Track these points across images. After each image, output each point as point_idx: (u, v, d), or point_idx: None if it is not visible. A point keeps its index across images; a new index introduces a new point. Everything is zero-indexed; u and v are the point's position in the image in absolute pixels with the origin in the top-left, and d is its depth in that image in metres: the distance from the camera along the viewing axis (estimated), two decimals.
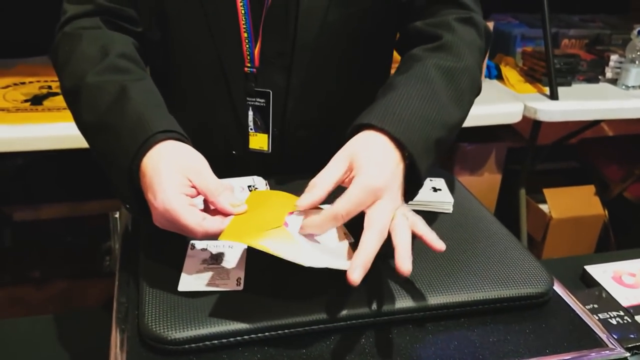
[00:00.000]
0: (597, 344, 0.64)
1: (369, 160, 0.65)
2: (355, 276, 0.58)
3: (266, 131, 0.92)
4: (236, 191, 0.82)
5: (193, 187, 0.65)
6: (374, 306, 0.63)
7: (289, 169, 0.93)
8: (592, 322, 0.68)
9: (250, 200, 0.68)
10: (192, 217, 0.62)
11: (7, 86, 1.68)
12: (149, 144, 0.67)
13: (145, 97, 0.75)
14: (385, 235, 0.62)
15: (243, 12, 0.84)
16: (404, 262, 0.60)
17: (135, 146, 0.67)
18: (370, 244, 0.60)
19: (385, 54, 0.99)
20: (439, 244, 0.65)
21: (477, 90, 0.83)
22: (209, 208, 0.68)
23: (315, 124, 0.93)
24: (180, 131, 0.72)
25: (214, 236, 0.63)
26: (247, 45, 0.86)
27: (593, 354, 0.63)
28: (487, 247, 0.75)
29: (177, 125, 0.73)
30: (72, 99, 0.78)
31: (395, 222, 0.64)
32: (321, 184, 0.64)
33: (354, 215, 0.63)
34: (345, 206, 0.62)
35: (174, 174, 0.64)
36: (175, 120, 0.74)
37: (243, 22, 0.85)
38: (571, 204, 2.04)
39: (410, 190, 0.69)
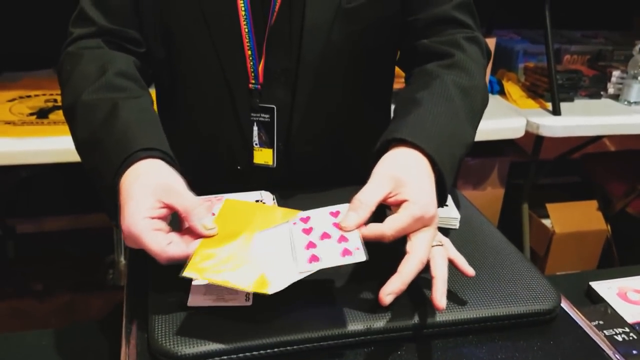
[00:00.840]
0: None
1: (417, 187, 0.65)
2: (387, 301, 0.59)
3: (271, 146, 0.92)
4: None
5: (166, 207, 0.65)
6: (383, 323, 0.64)
7: (295, 183, 0.93)
8: (599, 338, 0.68)
9: (221, 215, 0.68)
10: (155, 242, 0.62)
11: (13, 99, 1.69)
12: (128, 162, 0.68)
13: (134, 115, 0.75)
14: (425, 264, 0.62)
15: (246, 30, 0.85)
16: (441, 298, 0.61)
17: (117, 163, 0.68)
18: (409, 271, 0.61)
19: (388, 69, 1.00)
20: (469, 270, 0.67)
21: (485, 108, 0.85)
22: (182, 226, 0.67)
23: (321, 139, 0.94)
24: (164, 149, 0.71)
25: (179, 261, 0.62)
26: (251, 63, 0.87)
27: None
28: (494, 264, 0.75)
29: (164, 143, 0.73)
30: (70, 116, 0.79)
31: (435, 250, 0.65)
32: (367, 203, 0.64)
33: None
34: (394, 229, 0.62)
35: (144, 195, 0.64)
36: (164, 138, 0.75)
37: (247, 40, 0.86)
38: (574, 218, 2.04)
39: None
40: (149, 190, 0.64)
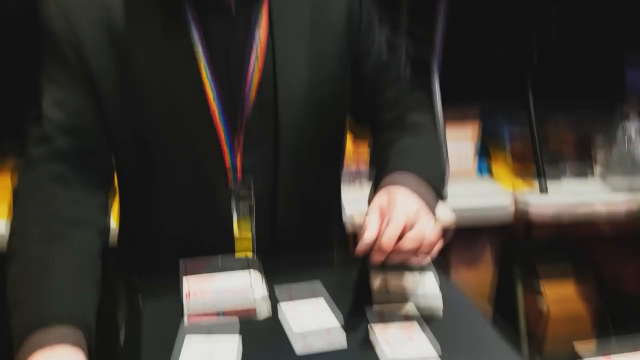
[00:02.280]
0: None
1: (395, 199, 0.80)
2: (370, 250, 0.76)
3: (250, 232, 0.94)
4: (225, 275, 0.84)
5: None
6: None
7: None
8: None
9: None
10: None
11: None
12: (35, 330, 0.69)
13: (64, 283, 0.76)
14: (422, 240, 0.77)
15: (223, 131, 0.89)
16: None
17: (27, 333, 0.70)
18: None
19: (344, 143, 1.09)
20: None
21: (439, 132, 1.00)
22: None
23: (303, 224, 0.98)
24: (76, 315, 0.73)
25: None
26: (230, 159, 0.90)
27: None
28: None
29: (79, 310, 0.74)
30: (8, 256, 0.80)
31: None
32: (370, 230, 0.75)
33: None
34: (389, 237, 0.74)
35: None
36: (84, 301, 0.76)
37: (224, 139, 0.89)
38: (568, 299, 2.02)
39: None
40: None
